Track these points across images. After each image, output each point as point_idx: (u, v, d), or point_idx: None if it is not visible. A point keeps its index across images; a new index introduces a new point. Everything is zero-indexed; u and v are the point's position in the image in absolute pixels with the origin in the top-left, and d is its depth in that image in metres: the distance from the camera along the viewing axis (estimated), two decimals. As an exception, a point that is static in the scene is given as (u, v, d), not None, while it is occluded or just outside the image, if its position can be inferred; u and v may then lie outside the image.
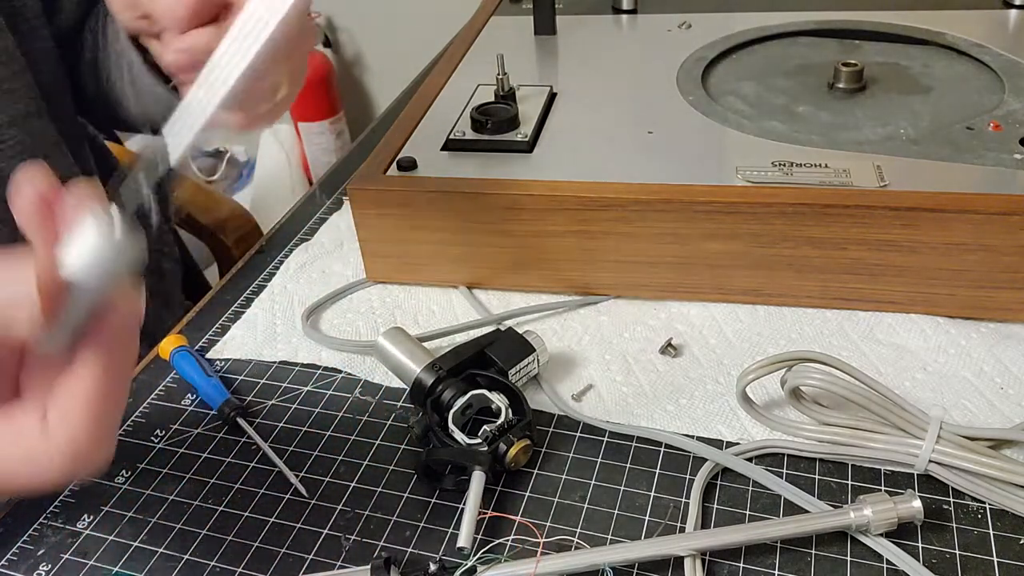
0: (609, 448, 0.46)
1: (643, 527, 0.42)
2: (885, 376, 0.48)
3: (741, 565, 0.39)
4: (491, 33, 0.77)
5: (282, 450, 0.48)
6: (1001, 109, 0.57)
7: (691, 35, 0.72)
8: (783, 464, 0.44)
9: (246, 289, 0.61)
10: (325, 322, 0.57)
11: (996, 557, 0.39)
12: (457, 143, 0.58)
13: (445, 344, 0.54)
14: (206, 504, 0.45)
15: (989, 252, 0.48)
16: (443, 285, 0.59)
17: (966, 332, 0.51)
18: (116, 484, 0.46)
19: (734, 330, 0.53)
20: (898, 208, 0.48)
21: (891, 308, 0.52)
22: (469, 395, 0.45)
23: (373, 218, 0.56)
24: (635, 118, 0.60)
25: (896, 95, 0.62)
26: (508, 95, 0.61)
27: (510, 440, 0.43)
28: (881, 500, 0.39)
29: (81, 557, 0.42)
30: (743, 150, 0.55)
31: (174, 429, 0.50)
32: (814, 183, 0.51)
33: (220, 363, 0.54)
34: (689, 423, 0.47)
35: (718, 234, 0.51)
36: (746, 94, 0.63)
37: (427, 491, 0.44)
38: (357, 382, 0.52)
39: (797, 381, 0.43)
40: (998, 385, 0.47)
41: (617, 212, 0.52)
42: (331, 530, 0.43)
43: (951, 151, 0.53)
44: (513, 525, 0.42)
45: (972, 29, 0.68)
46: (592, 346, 0.53)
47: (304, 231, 0.67)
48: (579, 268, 0.55)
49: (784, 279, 0.52)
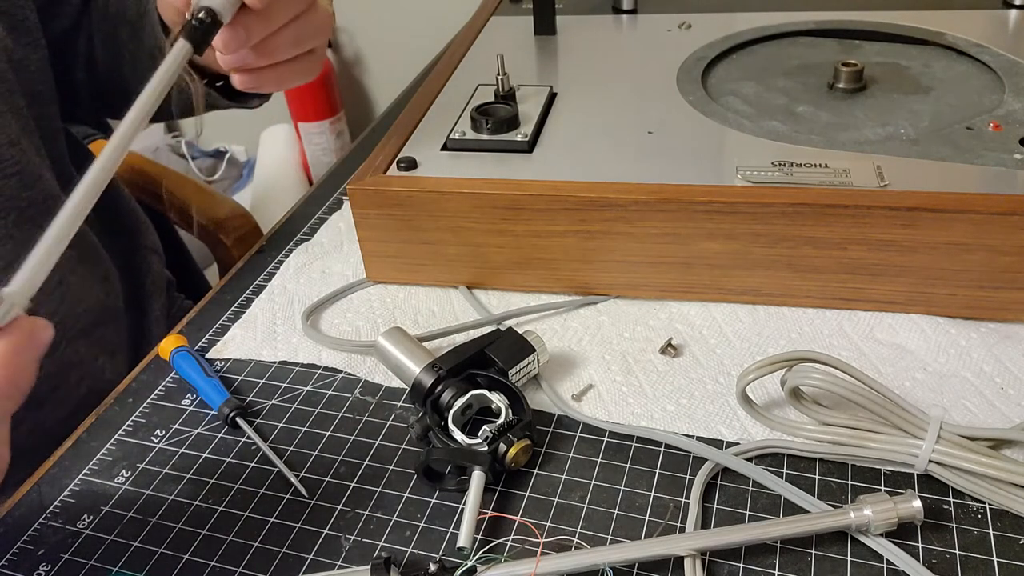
0: (609, 448, 0.46)
1: (643, 527, 0.42)
2: (885, 376, 0.48)
3: (741, 565, 0.39)
4: (491, 33, 0.77)
5: (282, 450, 0.48)
6: (1001, 109, 0.57)
7: (691, 35, 0.72)
8: (783, 464, 0.44)
9: (246, 289, 0.61)
10: (325, 322, 0.57)
11: (996, 557, 0.39)
12: (457, 143, 0.58)
13: (445, 344, 0.54)
14: (206, 504, 0.45)
15: (989, 252, 0.48)
16: (443, 285, 0.59)
17: (966, 332, 0.51)
18: (116, 484, 0.46)
19: (734, 330, 0.53)
20: (898, 208, 0.48)
21: (891, 308, 0.52)
22: (469, 395, 0.45)
23: (373, 218, 0.56)
24: (635, 118, 0.60)
25: (896, 95, 0.62)
26: (508, 95, 0.61)
27: (510, 440, 0.43)
28: (881, 500, 0.39)
29: (81, 557, 0.42)
30: (743, 150, 0.55)
31: (174, 429, 0.50)
32: (814, 183, 0.51)
33: (220, 363, 0.54)
34: (689, 423, 0.47)
35: (718, 234, 0.51)
36: (746, 94, 0.63)
37: (427, 491, 0.44)
38: (357, 382, 0.52)
39: (797, 381, 0.43)
40: (998, 385, 0.47)
41: (617, 212, 0.52)
42: (331, 530, 0.43)
43: (951, 151, 0.53)
44: (513, 525, 0.42)
45: (972, 29, 0.68)
46: (592, 346, 0.53)
47: (304, 231, 0.67)
48: (579, 268, 0.55)
49: (784, 279, 0.52)
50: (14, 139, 0.58)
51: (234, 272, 0.64)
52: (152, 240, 0.79)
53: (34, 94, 0.63)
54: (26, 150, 0.59)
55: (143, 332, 0.74)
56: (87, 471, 0.47)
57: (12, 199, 0.58)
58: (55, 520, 0.44)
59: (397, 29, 1.88)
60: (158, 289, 0.77)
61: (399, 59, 1.84)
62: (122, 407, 0.52)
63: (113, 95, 0.70)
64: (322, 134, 1.97)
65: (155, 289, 0.77)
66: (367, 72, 2.03)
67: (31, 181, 0.59)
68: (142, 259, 0.77)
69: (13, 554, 0.43)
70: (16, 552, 0.43)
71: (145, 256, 0.77)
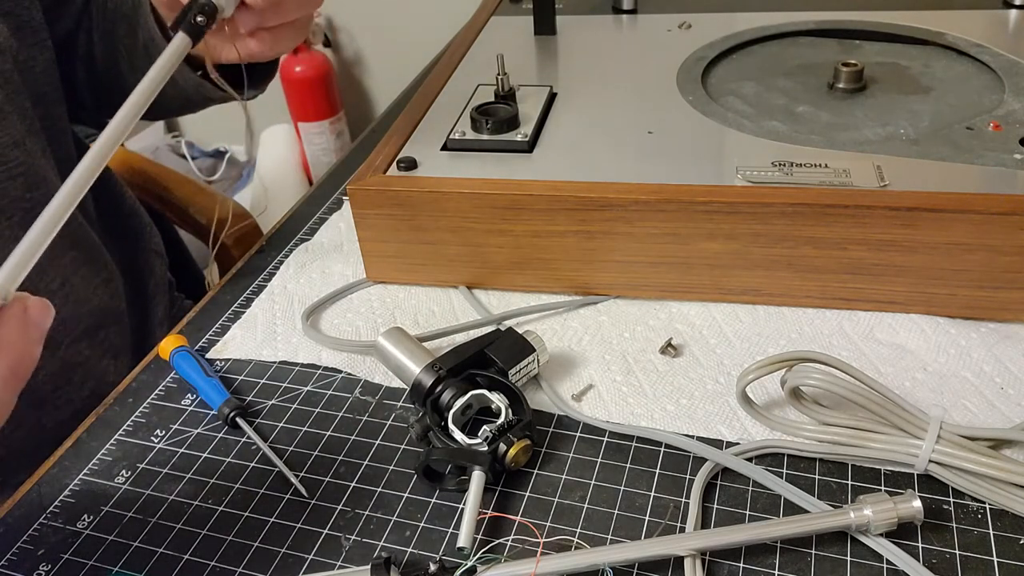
0: (609, 448, 0.46)
1: (643, 527, 0.42)
2: (885, 376, 0.48)
3: (741, 565, 0.39)
4: (491, 33, 0.77)
5: (282, 450, 0.48)
6: (1001, 109, 0.57)
7: (691, 35, 0.72)
8: (783, 464, 0.44)
9: (246, 289, 0.61)
10: (325, 322, 0.57)
11: (996, 557, 0.39)
12: (457, 143, 0.58)
13: (445, 344, 0.54)
14: (206, 504, 0.45)
15: (989, 252, 0.48)
16: (443, 285, 0.59)
17: (966, 332, 0.51)
18: (116, 484, 0.46)
19: (734, 330, 0.53)
20: (898, 208, 0.48)
21: (891, 308, 0.52)
22: (469, 395, 0.45)
23: (373, 218, 0.56)
24: (635, 118, 0.60)
25: (896, 95, 0.62)
26: (508, 95, 0.61)
27: (510, 440, 0.43)
28: (881, 500, 0.39)
29: (81, 557, 0.42)
30: (743, 150, 0.55)
31: (174, 429, 0.50)
32: (814, 183, 0.51)
33: (220, 363, 0.54)
34: (689, 423, 0.47)
35: (718, 234, 0.51)
36: (746, 94, 0.63)
37: (427, 491, 0.44)
38: (357, 382, 0.52)
39: (797, 381, 0.43)
40: (998, 385, 0.47)
41: (617, 212, 0.52)
42: (331, 530, 0.43)
43: (951, 151, 0.53)
44: (513, 525, 0.42)
45: (972, 29, 0.68)
46: (592, 346, 0.53)
47: (304, 231, 0.67)
48: (579, 268, 0.55)
49: (784, 279, 0.52)
50: (19, 140, 0.58)
51: (234, 272, 0.64)
52: (155, 242, 0.79)
53: (40, 95, 0.63)
54: (31, 151, 0.59)
55: (146, 334, 0.74)
56: (87, 471, 0.47)
57: (17, 200, 0.58)
58: (55, 520, 0.44)
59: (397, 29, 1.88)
60: (161, 291, 0.77)
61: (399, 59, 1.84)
62: (122, 407, 0.52)
63: (112, 94, 0.70)
64: (322, 134, 1.98)
65: (158, 291, 0.77)
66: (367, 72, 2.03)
67: (36, 182, 0.59)
68: (145, 261, 0.77)
69: (13, 554, 0.43)
70: (16, 552, 0.43)
71: (148, 258, 0.77)
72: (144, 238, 0.78)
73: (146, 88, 0.40)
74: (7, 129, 0.57)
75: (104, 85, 0.70)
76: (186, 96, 0.65)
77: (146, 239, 0.78)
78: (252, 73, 0.62)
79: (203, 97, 0.64)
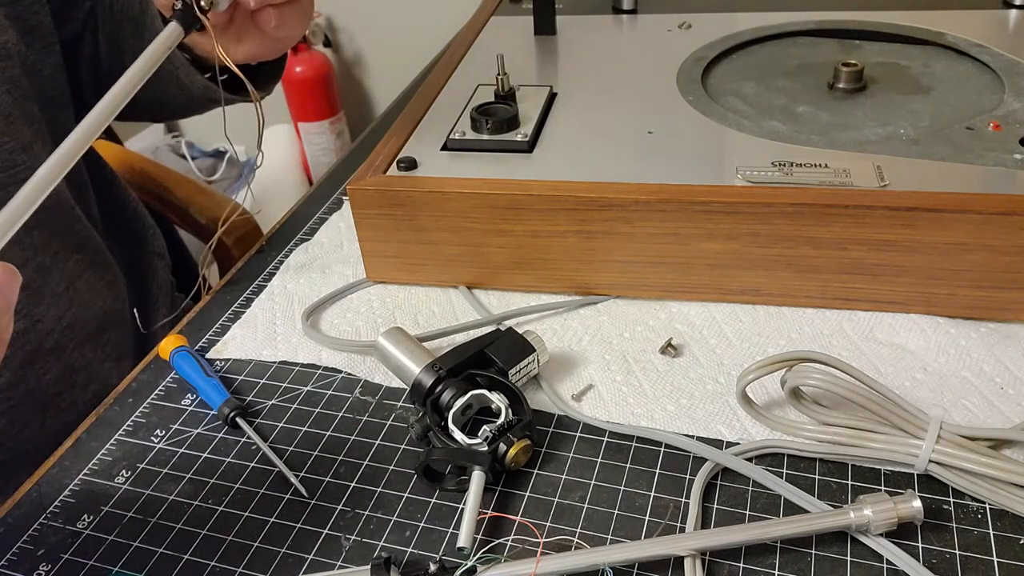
0: (609, 448, 0.46)
1: (643, 527, 0.42)
2: (885, 376, 0.48)
3: (741, 565, 0.39)
4: (491, 33, 0.77)
5: (282, 450, 0.48)
6: (1001, 109, 0.57)
7: (691, 35, 0.72)
8: (783, 464, 0.44)
9: (246, 289, 0.61)
10: (325, 322, 0.57)
11: (996, 557, 0.39)
12: (457, 143, 0.58)
13: (445, 344, 0.54)
14: (206, 504, 0.45)
15: (989, 252, 0.48)
16: (443, 285, 0.59)
17: (966, 332, 0.50)
18: (116, 484, 0.46)
19: (734, 330, 0.53)
20: (898, 208, 0.48)
21: (891, 308, 0.52)
22: (469, 395, 0.45)
23: (373, 218, 0.56)
24: (635, 118, 0.60)
25: (896, 95, 0.62)
26: (508, 95, 0.61)
27: (510, 440, 0.43)
28: (881, 500, 0.39)
29: (81, 557, 0.42)
30: (743, 150, 0.55)
31: (174, 429, 0.50)
32: (814, 183, 0.51)
33: (220, 363, 0.54)
34: (689, 423, 0.47)
35: (718, 234, 0.51)
36: (746, 94, 0.63)
37: (427, 491, 0.44)
38: (357, 382, 0.52)
39: (797, 381, 0.43)
40: (998, 385, 0.47)
41: (617, 212, 0.52)
42: (331, 530, 0.43)
43: (951, 151, 0.53)
44: (513, 525, 0.42)
45: (972, 29, 0.68)
46: (592, 346, 0.53)
47: (304, 231, 0.67)
48: (579, 268, 0.55)
49: (784, 279, 0.52)
50: (26, 144, 0.58)
51: (234, 272, 0.64)
52: (159, 245, 0.79)
53: (47, 99, 0.63)
54: (39, 155, 0.59)
55: (149, 337, 0.74)
56: (87, 471, 0.47)
57: None
58: (55, 520, 0.44)
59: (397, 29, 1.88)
60: (163, 293, 0.77)
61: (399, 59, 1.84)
62: (122, 407, 0.52)
63: None
64: (322, 134, 1.98)
65: (161, 294, 0.77)
66: (367, 72, 2.03)
67: None
68: (148, 264, 0.77)
69: (13, 554, 0.43)
70: (16, 552, 0.43)
71: (151, 261, 0.77)
72: (147, 240, 0.78)
73: (134, 75, 0.40)
74: (15, 133, 0.57)
75: (109, 88, 0.70)
76: (192, 98, 0.65)
77: (149, 241, 0.78)
78: (259, 74, 0.62)
79: (209, 100, 0.64)
